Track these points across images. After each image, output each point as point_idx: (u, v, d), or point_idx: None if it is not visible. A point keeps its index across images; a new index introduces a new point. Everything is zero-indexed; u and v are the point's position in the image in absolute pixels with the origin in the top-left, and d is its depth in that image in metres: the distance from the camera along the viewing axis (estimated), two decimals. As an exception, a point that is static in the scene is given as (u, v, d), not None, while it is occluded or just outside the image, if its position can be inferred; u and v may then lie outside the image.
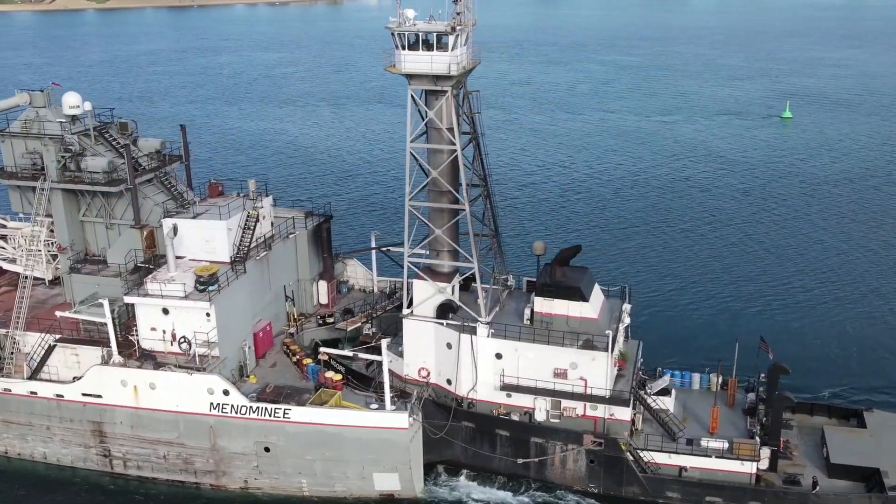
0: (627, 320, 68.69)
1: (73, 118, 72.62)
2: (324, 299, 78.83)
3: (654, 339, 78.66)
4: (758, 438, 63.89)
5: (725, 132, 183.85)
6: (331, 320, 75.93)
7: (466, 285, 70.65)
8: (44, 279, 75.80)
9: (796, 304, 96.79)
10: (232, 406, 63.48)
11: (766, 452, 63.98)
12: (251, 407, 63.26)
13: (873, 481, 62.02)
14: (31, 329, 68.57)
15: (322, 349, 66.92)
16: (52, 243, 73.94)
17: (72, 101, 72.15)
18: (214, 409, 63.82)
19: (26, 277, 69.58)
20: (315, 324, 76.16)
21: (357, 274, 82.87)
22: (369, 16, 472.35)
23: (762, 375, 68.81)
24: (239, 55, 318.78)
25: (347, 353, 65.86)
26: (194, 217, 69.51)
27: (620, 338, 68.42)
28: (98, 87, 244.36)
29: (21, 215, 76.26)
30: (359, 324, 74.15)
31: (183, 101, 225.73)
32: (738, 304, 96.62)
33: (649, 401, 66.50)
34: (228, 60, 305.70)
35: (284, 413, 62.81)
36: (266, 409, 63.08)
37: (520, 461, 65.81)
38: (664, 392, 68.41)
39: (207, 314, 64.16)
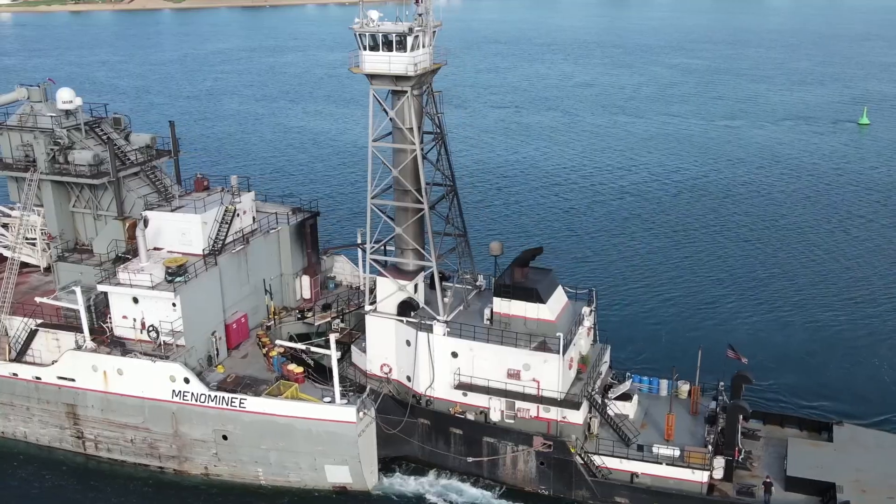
0: (587, 323, 68.29)
1: (67, 113, 75.84)
2: (307, 294, 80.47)
3: (630, 344, 78.10)
4: (710, 447, 62.99)
5: (792, 137, 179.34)
6: (309, 315, 77.47)
7: (432, 281, 71.57)
8: (39, 266, 79.56)
9: (785, 314, 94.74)
10: (192, 394, 65.53)
11: (721, 462, 63.24)
12: (210, 395, 65.20)
13: (828, 496, 60.62)
14: (17, 313, 71.90)
15: (277, 341, 68.72)
16: (45, 232, 77.44)
17: (65, 97, 75.37)
18: (176, 396, 65.97)
19: (13, 263, 72.97)
20: (294, 318, 77.79)
21: (345, 270, 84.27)
22: (439, 17, 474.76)
23: (721, 384, 67.95)
24: (306, 55, 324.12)
25: (300, 346, 67.27)
26: (172, 210, 71.97)
27: (582, 341, 68.16)
28: (170, 85, 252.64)
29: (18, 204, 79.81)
30: (328, 319, 75.58)
31: (249, 100, 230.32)
32: (720, 314, 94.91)
33: (607, 405, 66.23)
34: (295, 59, 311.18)
35: (240, 402, 64.59)
36: (223, 398, 64.94)
37: (470, 460, 66.26)
38: (625, 397, 67.98)
39: (173, 304, 66.35)
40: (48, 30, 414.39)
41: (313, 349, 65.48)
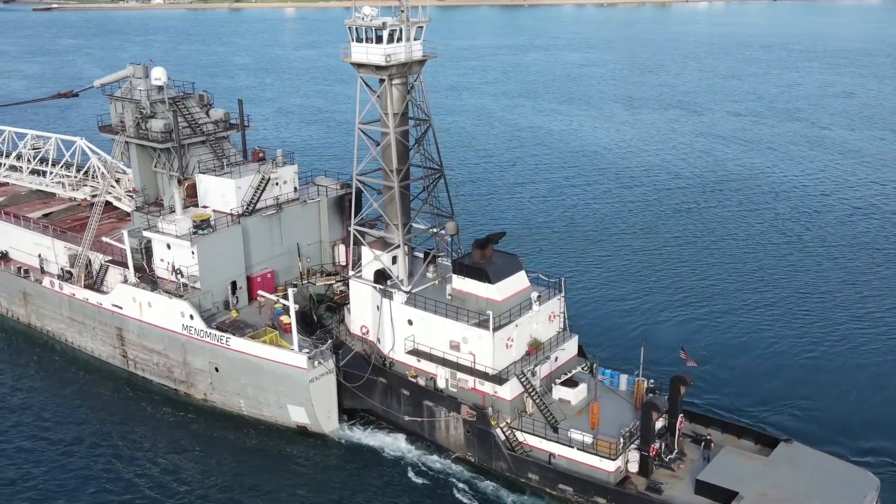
0: (537, 308, 71.02)
1: (159, 88, 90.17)
2: (342, 260, 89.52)
3: (603, 337, 79.36)
4: (622, 438, 64.38)
5: None
6: (334, 277, 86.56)
7: (426, 257, 78.15)
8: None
9: (781, 329, 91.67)
10: (195, 329, 76.90)
11: (636, 456, 64.53)
12: (206, 332, 76.23)
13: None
14: (96, 250, 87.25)
15: (259, 291, 78.44)
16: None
17: (157, 74, 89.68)
18: (185, 329, 77.69)
19: (98, 207, 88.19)
20: (321, 280, 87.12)
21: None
22: (693, 19, 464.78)
23: (652, 381, 68.49)
24: (548, 54, 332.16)
25: (273, 297, 76.56)
26: (217, 175, 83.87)
27: (535, 325, 71.34)
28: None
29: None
30: (332, 282, 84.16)
31: (486, 96, 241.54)
32: (705, 318, 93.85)
33: (552, 388, 69.56)
34: (537, 58, 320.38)
35: (226, 341, 75.04)
36: (215, 335, 75.72)
37: (407, 418, 72.08)
38: (571, 383, 70.59)
39: (192, 252, 78.08)
40: (320, 23, 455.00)
41: (281, 300, 74.54)
